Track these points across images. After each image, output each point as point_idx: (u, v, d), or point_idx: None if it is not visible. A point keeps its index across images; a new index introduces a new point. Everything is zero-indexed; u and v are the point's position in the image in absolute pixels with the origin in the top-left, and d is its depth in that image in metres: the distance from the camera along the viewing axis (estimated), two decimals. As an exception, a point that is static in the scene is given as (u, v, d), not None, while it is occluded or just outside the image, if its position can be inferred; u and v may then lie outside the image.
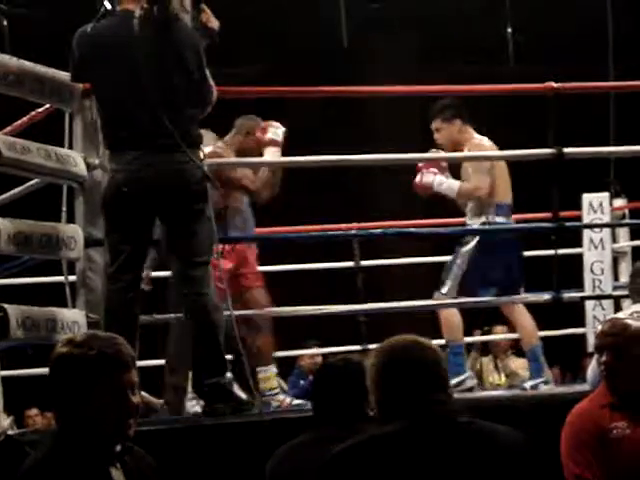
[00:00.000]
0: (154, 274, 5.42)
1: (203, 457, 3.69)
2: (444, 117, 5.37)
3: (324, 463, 2.39)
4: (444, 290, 5.30)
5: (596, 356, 3.42)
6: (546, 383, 5.24)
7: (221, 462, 3.67)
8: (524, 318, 5.37)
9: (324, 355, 7.10)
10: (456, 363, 5.24)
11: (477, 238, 5.29)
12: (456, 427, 2.39)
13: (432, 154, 5.37)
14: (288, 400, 5.13)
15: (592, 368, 4.22)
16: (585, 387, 4.36)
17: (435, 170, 5.38)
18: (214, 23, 4.24)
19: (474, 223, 5.37)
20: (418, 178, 5.41)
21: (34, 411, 7.80)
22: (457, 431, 2.38)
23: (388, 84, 6.24)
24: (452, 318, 5.31)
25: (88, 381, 2.35)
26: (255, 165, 5.16)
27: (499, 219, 5.32)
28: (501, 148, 5.22)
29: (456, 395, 2.66)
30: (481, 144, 5.35)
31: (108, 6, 4.06)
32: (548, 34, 9.60)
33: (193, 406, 5.03)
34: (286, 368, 7.56)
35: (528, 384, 5.26)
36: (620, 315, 3.43)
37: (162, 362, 5.24)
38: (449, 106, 5.39)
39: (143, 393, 4.91)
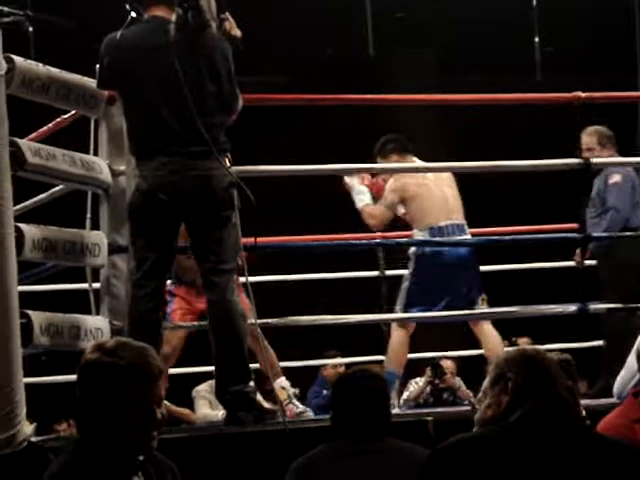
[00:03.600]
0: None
1: (225, 465, 3.67)
2: (381, 154, 5.50)
3: (425, 462, 2.33)
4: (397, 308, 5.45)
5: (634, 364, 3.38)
6: None
7: (242, 471, 3.65)
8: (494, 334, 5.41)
9: (347, 365, 7.08)
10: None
11: (412, 263, 5.43)
12: (567, 432, 2.33)
13: (452, 164, 5.39)
14: (295, 410, 5.11)
15: (620, 380, 4.18)
16: (612, 400, 4.32)
17: (367, 177, 5.47)
18: (237, 32, 4.24)
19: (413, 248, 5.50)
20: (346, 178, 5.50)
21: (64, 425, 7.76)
22: (566, 436, 2.32)
23: (411, 93, 6.23)
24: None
25: (116, 391, 2.33)
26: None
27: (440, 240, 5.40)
28: (528, 158, 5.20)
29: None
30: (398, 176, 5.46)
31: (134, 13, 4.07)
32: (575, 45, 9.58)
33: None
34: (307, 378, 7.56)
35: None
36: None
37: (186, 370, 5.24)
38: (384, 142, 5.53)
39: (166, 402, 4.90)
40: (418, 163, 5.55)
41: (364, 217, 5.49)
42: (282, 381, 5.40)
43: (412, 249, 5.51)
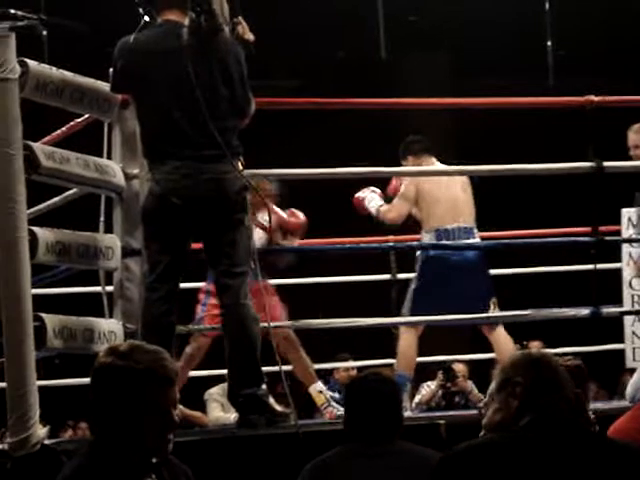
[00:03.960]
0: (190, 285, 5.42)
1: (237, 468, 3.68)
2: (401, 155, 5.55)
3: (435, 467, 2.33)
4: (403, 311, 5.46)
5: None
6: None
7: (255, 474, 3.66)
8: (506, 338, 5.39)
9: (358, 368, 7.08)
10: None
11: (418, 265, 5.44)
12: (582, 437, 2.33)
13: (458, 167, 5.40)
14: (335, 412, 5.13)
15: (632, 383, 4.18)
16: (623, 403, 4.31)
17: (375, 189, 5.50)
18: (250, 36, 4.25)
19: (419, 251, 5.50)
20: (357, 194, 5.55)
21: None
22: (582, 441, 2.32)
23: (424, 97, 6.23)
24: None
25: (131, 395, 2.32)
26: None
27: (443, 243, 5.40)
28: (540, 162, 5.19)
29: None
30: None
31: (147, 17, 4.08)
32: (587, 48, 9.57)
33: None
34: (321, 381, 7.55)
35: None
36: None
37: (198, 373, 5.24)
38: (405, 143, 5.57)
39: (179, 406, 4.90)
40: (438, 165, 5.55)
41: (381, 217, 5.49)
42: (318, 385, 5.45)
43: (418, 252, 5.52)
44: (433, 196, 5.44)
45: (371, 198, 5.49)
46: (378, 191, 5.58)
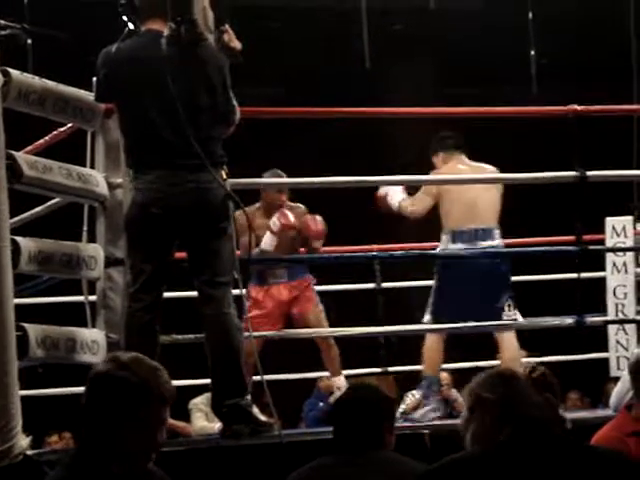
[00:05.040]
0: (173, 294, 5.41)
1: (221, 478, 3.67)
2: (431, 152, 5.55)
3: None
4: (424, 319, 5.39)
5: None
6: None
7: (239, 484, 3.65)
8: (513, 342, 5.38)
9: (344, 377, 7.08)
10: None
11: (436, 266, 5.43)
12: (558, 446, 2.34)
13: (445, 175, 5.39)
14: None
15: (616, 392, 4.18)
16: (607, 412, 4.32)
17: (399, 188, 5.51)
18: (236, 44, 4.25)
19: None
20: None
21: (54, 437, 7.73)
22: (556, 449, 2.33)
23: (407, 106, 6.23)
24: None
25: (121, 406, 2.31)
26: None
27: (456, 246, 5.35)
28: (524, 171, 5.20)
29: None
30: (437, 172, 5.49)
31: (131, 26, 4.08)
32: (571, 57, 9.59)
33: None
34: (305, 390, 7.54)
35: None
36: None
37: (182, 383, 5.22)
38: (435, 140, 5.57)
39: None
40: (466, 163, 5.48)
41: (402, 211, 5.46)
42: (339, 380, 5.50)
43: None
44: (451, 196, 5.40)
45: (393, 192, 5.46)
46: (400, 187, 5.55)
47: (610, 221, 6.22)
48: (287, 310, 5.81)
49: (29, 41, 3.96)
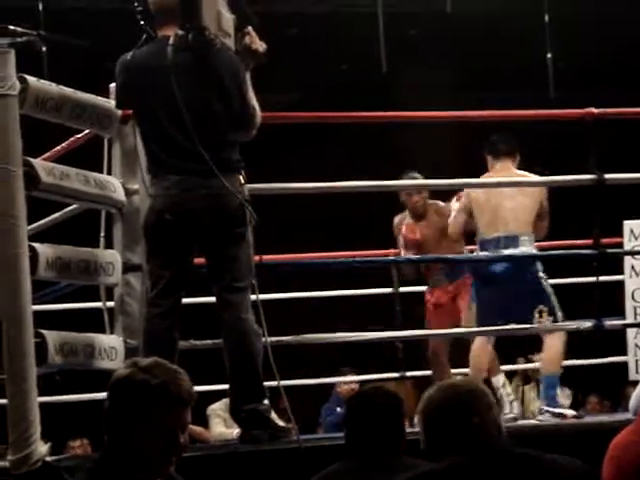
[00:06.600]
0: (192, 300, 5.41)
1: (240, 484, 3.66)
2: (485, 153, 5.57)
3: None
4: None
5: None
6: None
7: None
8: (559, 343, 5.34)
9: (361, 382, 7.07)
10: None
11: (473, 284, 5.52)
12: (516, 459, 2.36)
13: (462, 180, 5.39)
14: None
15: (635, 396, 4.16)
16: (626, 415, 4.29)
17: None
18: (258, 46, 4.19)
19: None
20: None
21: (78, 442, 7.75)
22: (517, 463, 2.35)
23: (424, 111, 6.22)
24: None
25: (142, 409, 2.31)
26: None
27: (483, 254, 5.39)
28: (542, 174, 5.19)
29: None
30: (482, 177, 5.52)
31: (148, 32, 4.08)
32: (587, 60, 9.58)
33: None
34: (323, 396, 7.54)
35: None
36: None
37: (200, 388, 5.20)
38: (488, 143, 5.57)
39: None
40: (504, 170, 5.46)
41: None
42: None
43: None
44: (479, 205, 5.45)
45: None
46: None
47: (628, 224, 6.20)
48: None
49: (44, 48, 3.95)
